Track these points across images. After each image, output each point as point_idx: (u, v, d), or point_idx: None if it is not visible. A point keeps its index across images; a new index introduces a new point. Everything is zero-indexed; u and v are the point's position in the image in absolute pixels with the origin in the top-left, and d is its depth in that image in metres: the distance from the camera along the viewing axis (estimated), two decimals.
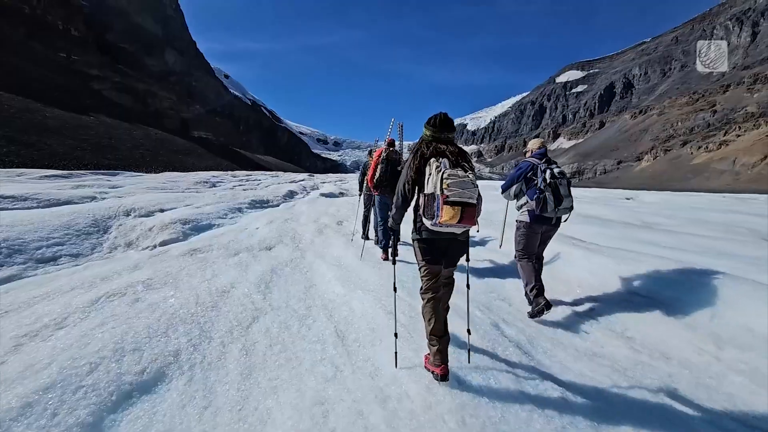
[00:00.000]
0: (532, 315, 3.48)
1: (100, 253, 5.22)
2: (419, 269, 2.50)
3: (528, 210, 3.66)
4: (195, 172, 36.92)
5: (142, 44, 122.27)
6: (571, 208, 3.56)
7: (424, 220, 2.29)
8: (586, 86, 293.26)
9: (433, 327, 2.37)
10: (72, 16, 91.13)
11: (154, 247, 5.73)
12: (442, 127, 2.44)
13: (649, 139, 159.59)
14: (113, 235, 5.93)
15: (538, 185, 3.51)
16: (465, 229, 2.33)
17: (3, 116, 49.47)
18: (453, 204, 2.13)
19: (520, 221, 3.76)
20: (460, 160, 2.35)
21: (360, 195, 6.66)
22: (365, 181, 6.23)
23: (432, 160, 2.31)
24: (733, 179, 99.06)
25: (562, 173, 3.55)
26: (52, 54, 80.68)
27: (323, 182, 32.83)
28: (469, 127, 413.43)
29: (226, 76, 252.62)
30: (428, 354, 2.44)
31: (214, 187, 22.30)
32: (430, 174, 2.27)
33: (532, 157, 3.79)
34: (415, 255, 2.54)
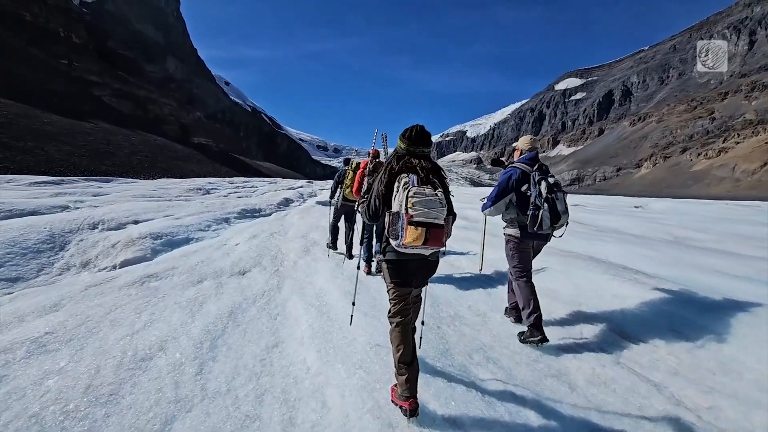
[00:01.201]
0: (523, 340, 3.14)
1: (47, 276, 4.48)
2: (387, 291, 2.37)
3: (519, 224, 3.26)
4: (191, 179, 36.33)
5: (143, 51, 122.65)
6: (567, 223, 3.17)
7: (390, 240, 2.16)
8: (584, 94, 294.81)
9: (401, 354, 2.23)
10: (73, 23, 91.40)
11: (114, 267, 4.98)
12: (417, 141, 2.28)
13: (649, 146, 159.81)
14: (70, 252, 5.19)
15: (533, 200, 3.08)
16: (434, 251, 2.17)
17: (0, 122, 49.01)
18: (417, 225, 1.99)
19: (510, 236, 3.34)
20: (431, 176, 2.21)
21: (330, 204, 6.35)
22: (342, 191, 5.96)
23: (401, 175, 2.18)
24: (733, 186, 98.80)
25: (557, 185, 3.13)
26: (53, 61, 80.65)
27: (321, 189, 32.13)
28: (468, 134, 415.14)
29: (227, 83, 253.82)
30: (395, 385, 2.28)
31: (208, 194, 21.61)
32: (397, 190, 2.14)
33: (521, 161, 3.31)
34: (383, 276, 2.39)
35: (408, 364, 2.20)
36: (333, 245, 6.14)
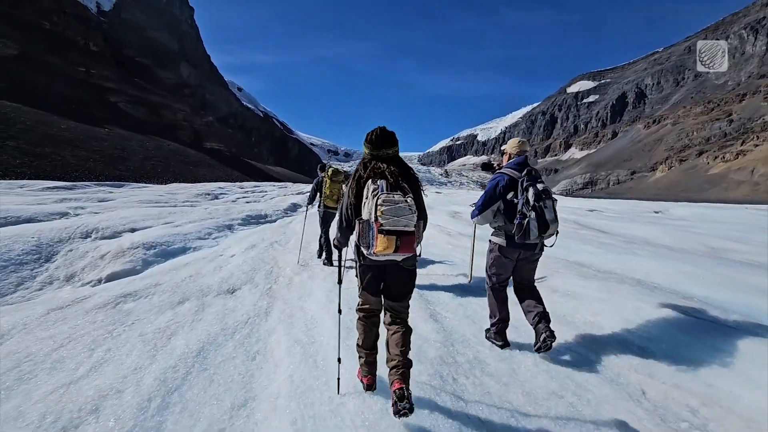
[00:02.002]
0: (488, 338, 3.25)
1: (25, 291, 4.17)
2: (358, 287, 2.38)
3: (505, 232, 3.08)
4: (202, 183, 36.49)
5: (158, 58, 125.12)
6: (557, 233, 3.01)
7: (362, 248, 2.13)
8: (597, 96, 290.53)
9: (363, 341, 2.32)
10: (91, 31, 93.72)
11: (99, 281, 4.65)
12: (379, 143, 2.23)
13: (664, 149, 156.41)
14: (55, 264, 4.89)
15: (520, 208, 2.91)
16: (407, 256, 2.11)
17: (18, 129, 50.22)
18: (387, 233, 1.95)
19: (494, 243, 3.20)
20: (400, 180, 2.16)
21: (306, 209, 6.26)
22: (322, 199, 5.90)
23: (369, 182, 2.14)
24: (752, 190, 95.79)
25: (546, 191, 2.94)
26: (71, 68, 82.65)
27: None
28: (479, 138, 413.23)
29: (239, 89, 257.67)
30: (360, 366, 2.39)
31: (216, 199, 21.49)
32: (366, 197, 2.11)
33: (509, 166, 3.12)
34: (356, 275, 2.37)
35: (368, 350, 2.29)
36: (329, 261, 5.83)
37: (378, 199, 1.99)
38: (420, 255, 2.26)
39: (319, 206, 6.03)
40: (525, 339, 3.23)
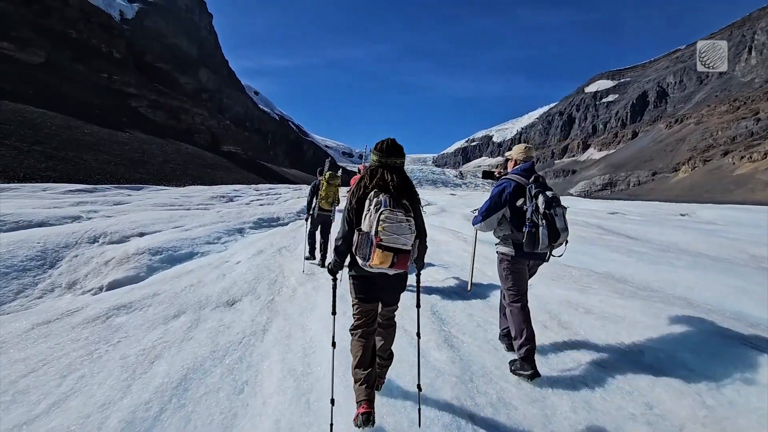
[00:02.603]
0: (514, 371, 2.84)
1: (24, 300, 4.05)
2: (352, 306, 2.37)
3: (513, 241, 2.96)
4: (217, 186, 36.93)
5: (178, 63, 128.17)
6: (566, 242, 2.88)
7: (357, 257, 2.15)
8: (617, 95, 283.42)
9: (359, 360, 2.22)
10: (114, 39, 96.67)
11: (100, 289, 4.50)
12: (389, 152, 2.30)
13: (687, 149, 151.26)
14: (59, 271, 4.78)
15: (529, 216, 2.80)
16: (399, 272, 2.16)
17: (44, 133, 51.93)
18: (385, 249, 2.01)
19: (504, 255, 3.03)
20: (403, 199, 2.21)
21: (308, 218, 6.34)
22: (318, 201, 6.13)
23: (372, 193, 2.18)
24: None
25: (556, 199, 2.82)
26: (95, 75, 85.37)
27: (343, 196, 31.71)
28: (495, 139, 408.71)
29: (256, 93, 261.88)
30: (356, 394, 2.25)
31: (231, 201, 21.59)
32: (368, 210, 2.13)
33: (515, 172, 3.02)
34: (349, 291, 2.38)
35: (365, 368, 2.21)
36: (311, 255, 6.24)
37: (381, 214, 2.03)
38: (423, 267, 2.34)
39: (314, 209, 6.22)
40: (557, 370, 2.79)
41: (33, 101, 58.58)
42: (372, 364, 2.25)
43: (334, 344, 2.33)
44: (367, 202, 2.15)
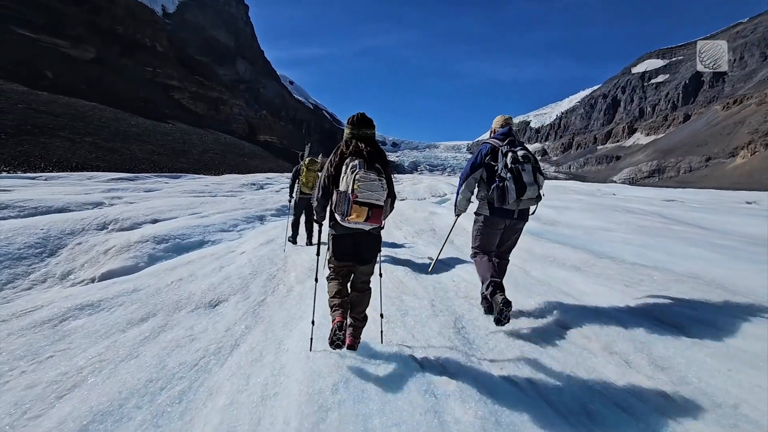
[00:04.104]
0: (496, 319, 2.74)
1: (11, 291, 3.73)
2: (327, 260, 2.64)
3: (488, 202, 3.09)
4: (252, 174, 37.60)
5: (217, 55, 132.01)
6: (538, 198, 2.95)
7: (336, 215, 2.37)
8: (667, 76, 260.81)
9: (335, 292, 2.49)
10: (157, 33, 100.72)
11: (92, 280, 4.14)
12: (360, 125, 2.52)
13: (746, 131, 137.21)
14: (57, 260, 4.49)
15: (498, 172, 2.96)
16: (374, 226, 2.38)
17: (95, 126, 55.10)
18: (361, 204, 2.24)
19: (479, 214, 3.22)
20: (375, 162, 2.44)
21: (290, 199, 6.57)
22: (299, 186, 6.33)
23: (348, 159, 2.41)
24: None
25: (526, 157, 2.96)
26: (140, 69, 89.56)
27: None
28: (532, 125, 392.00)
29: (291, 82, 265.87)
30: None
31: (261, 189, 21.62)
32: (345, 173, 2.36)
33: (494, 137, 3.20)
34: (328, 248, 2.61)
35: (341, 297, 2.47)
36: (293, 240, 6.32)
37: (356, 174, 2.26)
38: (383, 226, 2.45)
39: (296, 193, 6.40)
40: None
41: (85, 95, 62.26)
42: (346, 294, 2.53)
43: (313, 322, 2.61)
44: (344, 167, 2.38)
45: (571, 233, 6.15)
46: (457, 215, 3.42)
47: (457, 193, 3.27)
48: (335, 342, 2.19)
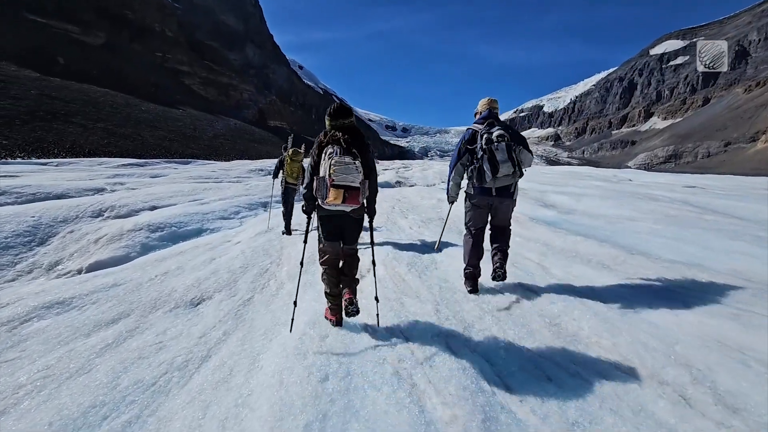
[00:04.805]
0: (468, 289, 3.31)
1: None
2: (318, 242, 2.86)
3: (472, 183, 3.26)
4: (261, 160, 37.46)
5: (226, 40, 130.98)
6: (514, 174, 3.07)
7: (318, 200, 2.60)
8: (687, 57, 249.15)
9: (331, 288, 2.77)
10: (166, 18, 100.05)
11: (79, 272, 3.92)
12: (337, 115, 2.71)
13: None
14: (46, 249, 4.29)
15: (475, 153, 3.16)
16: (354, 208, 2.58)
17: (107, 112, 55.42)
18: (337, 187, 2.42)
19: (466, 194, 3.41)
20: (352, 147, 2.60)
21: (273, 182, 6.98)
22: (284, 176, 6.50)
23: (327, 147, 2.61)
24: None
25: (501, 135, 3.06)
26: (150, 54, 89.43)
27: (385, 169, 30.69)
28: (545, 109, 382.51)
29: (300, 67, 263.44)
30: (327, 307, 2.87)
31: (269, 175, 21.43)
32: (323, 159, 2.58)
33: (476, 122, 3.33)
34: (317, 231, 2.85)
35: (335, 295, 2.75)
36: (287, 231, 6.32)
37: (332, 160, 2.46)
38: (362, 205, 2.60)
39: (281, 183, 6.54)
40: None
41: (96, 81, 62.52)
42: (339, 294, 2.74)
43: (301, 263, 2.87)
44: (323, 154, 2.57)
45: (592, 223, 5.71)
46: (451, 203, 3.55)
47: (448, 181, 3.44)
48: (350, 313, 2.55)
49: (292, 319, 2.63)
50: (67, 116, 46.42)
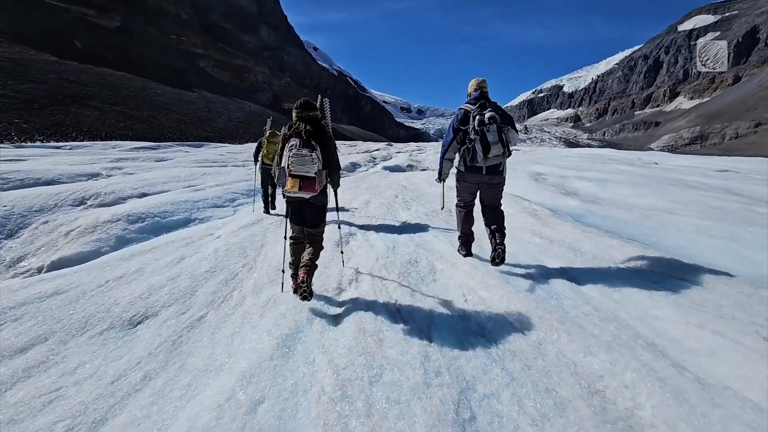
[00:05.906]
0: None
1: None
2: (287, 221, 3.16)
3: (463, 160, 3.44)
4: None
5: (240, 22, 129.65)
6: (503, 154, 3.24)
7: (279, 187, 2.96)
8: (718, 33, 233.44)
9: (293, 261, 3.12)
10: (181, 0, 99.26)
11: (40, 270, 3.52)
12: (302, 108, 2.96)
13: None
14: (13, 243, 3.92)
15: (468, 134, 3.31)
16: (312, 195, 2.80)
17: (123, 95, 55.78)
18: (294, 176, 2.68)
19: (458, 171, 3.60)
20: (311, 140, 2.81)
21: (255, 165, 7.06)
22: (262, 157, 6.63)
23: (290, 140, 2.84)
24: None
25: (492, 118, 3.19)
26: (165, 37, 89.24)
27: (398, 152, 29.90)
28: (565, 89, 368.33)
29: (315, 49, 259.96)
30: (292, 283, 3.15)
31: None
32: (285, 151, 2.82)
33: (467, 102, 3.47)
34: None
35: (296, 266, 3.06)
36: (267, 210, 6.45)
37: (291, 152, 2.72)
38: (324, 192, 2.94)
39: (261, 163, 6.64)
40: None
41: (112, 64, 62.86)
42: (299, 265, 2.96)
43: (283, 270, 3.23)
44: (286, 146, 2.84)
45: (623, 216, 4.94)
46: (443, 180, 3.70)
47: (441, 159, 3.59)
48: (302, 294, 2.64)
49: (282, 283, 3.08)
50: (85, 100, 46.86)
